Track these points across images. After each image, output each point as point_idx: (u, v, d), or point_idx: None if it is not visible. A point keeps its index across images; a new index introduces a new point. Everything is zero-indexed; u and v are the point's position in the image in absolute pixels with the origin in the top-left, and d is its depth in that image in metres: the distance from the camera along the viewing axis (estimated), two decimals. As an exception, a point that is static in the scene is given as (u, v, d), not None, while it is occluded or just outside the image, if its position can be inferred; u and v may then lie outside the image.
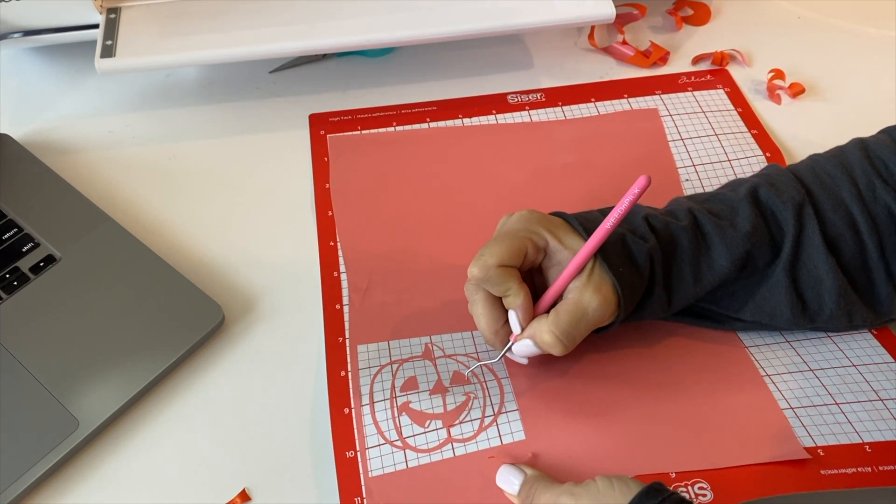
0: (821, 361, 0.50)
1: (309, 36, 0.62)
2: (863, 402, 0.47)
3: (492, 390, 0.49)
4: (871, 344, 0.51)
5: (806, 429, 0.46)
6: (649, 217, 0.48)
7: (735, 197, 0.50)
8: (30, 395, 0.49)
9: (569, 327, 0.45)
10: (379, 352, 0.51)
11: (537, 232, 0.47)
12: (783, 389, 0.48)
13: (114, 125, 0.67)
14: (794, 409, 0.47)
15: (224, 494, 0.47)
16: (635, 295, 0.46)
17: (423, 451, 0.47)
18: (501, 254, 0.45)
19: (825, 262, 0.48)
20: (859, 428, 0.46)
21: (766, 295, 0.49)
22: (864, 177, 0.49)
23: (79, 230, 0.57)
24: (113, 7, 0.64)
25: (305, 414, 0.50)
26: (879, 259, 0.48)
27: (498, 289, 0.46)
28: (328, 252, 0.57)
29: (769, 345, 0.51)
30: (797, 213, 0.48)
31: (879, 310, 0.50)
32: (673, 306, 0.48)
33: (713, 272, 0.48)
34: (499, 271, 0.45)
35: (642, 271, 0.46)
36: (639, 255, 0.46)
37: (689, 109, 0.66)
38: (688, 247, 0.48)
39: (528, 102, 0.67)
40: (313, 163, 0.63)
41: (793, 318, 0.49)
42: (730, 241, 0.47)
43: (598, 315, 0.45)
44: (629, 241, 0.47)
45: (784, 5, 0.76)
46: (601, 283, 0.45)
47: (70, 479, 0.47)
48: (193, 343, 0.52)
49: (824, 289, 0.48)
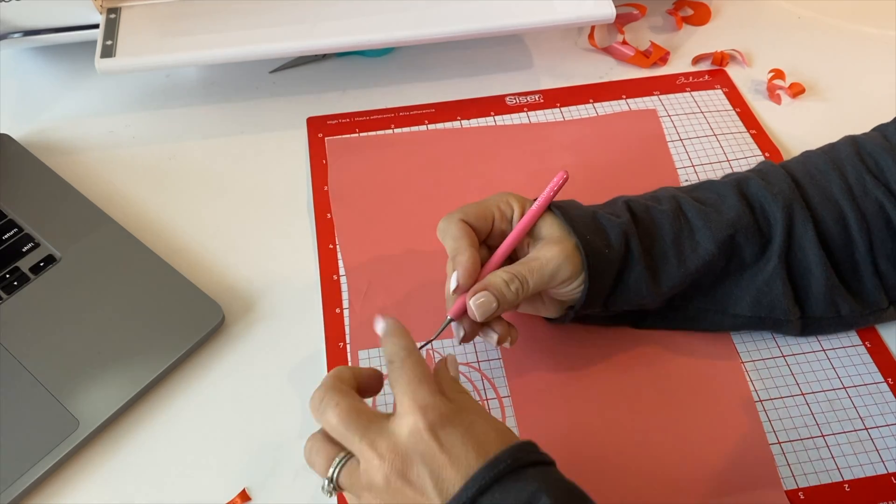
0: (813, 384, 0.50)
1: (309, 36, 0.62)
2: (848, 432, 0.48)
3: (493, 413, 0.49)
4: (864, 360, 0.51)
5: (790, 467, 0.47)
6: (630, 201, 0.49)
7: (722, 186, 0.50)
8: (30, 395, 0.49)
9: (523, 270, 0.45)
10: (381, 358, 0.51)
11: (506, 201, 0.48)
12: (773, 419, 0.49)
13: (114, 125, 0.67)
14: (782, 444, 0.48)
15: (224, 494, 0.47)
16: (605, 265, 0.46)
17: None
18: (467, 211, 0.47)
19: (816, 254, 0.48)
20: (841, 464, 0.47)
21: (764, 288, 0.49)
22: (854, 172, 0.50)
23: (79, 230, 0.57)
24: (113, 7, 0.64)
25: (305, 414, 0.50)
26: (867, 253, 0.49)
27: (451, 244, 0.46)
28: (327, 255, 0.57)
29: (765, 360, 0.51)
30: (786, 206, 0.49)
31: (865, 300, 0.50)
32: (660, 287, 0.48)
33: (697, 254, 0.48)
34: (458, 225, 0.47)
35: (613, 243, 0.46)
36: (610, 228, 0.47)
37: (688, 110, 0.66)
38: (669, 228, 0.48)
39: (526, 104, 0.67)
40: (311, 166, 0.63)
41: (789, 309, 0.49)
42: (714, 224, 0.48)
43: (554, 266, 0.45)
44: (600, 216, 0.47)
45: (784, 5, 0.76)
46: (562, 242, 0.46)
47: (70, 479, 0.47)
48: (193, 343, 0.52)
49: (813, 279, 0.49)
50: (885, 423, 0.49)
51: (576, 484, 0.37)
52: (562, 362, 0.51)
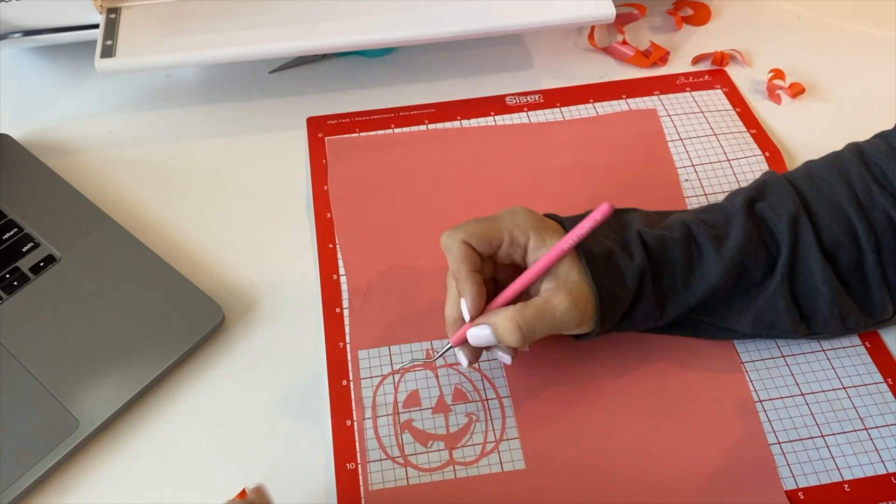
0: (813, 384, 0.50)
1: (309, 36, 0.62)
2: (847, 432, 0.48)
3: (494, 414, 0.49)
4: (864, 361, 0.51)
5: (790, 467, 0.47)
6: (643, 233, 0.48)
7: (731, 207, 0.50)
8: (30, 395, 0.49)
9: (532, 319, 0.44)
10: (380, 358, 0.52)
11: (521, 227, 0.46)
12: (773, 420, 0.49)
13: (114, 125, 0.67)
14: (781, 444, 0.48)
15: (224, 494, 0.47)
16: (617, 307, 0.46)
17: (425, 471, 0.47)
18: (473, 233, 0.46)
19: (822, 271, 0.48)
20: (841, 464, 0.47)
21: (766, 307, 0.49)
22: (861, 182, 0.49)
23: (79, 230, 0.57)
24: (113, 7, 0.64)
25: (305, 414, 0.50)
26: (876, 264, 0.48)
27: (452, 266, 0.46)
28: (327, 255, 0.57)
29: (765, 360, 0.51)
30: (792, 223, 0.48)
31: (873, 312, 0.50)
32: (666, 315, 0.48)
33: (705, 281, 0.47)
34: (460, 248, 0.45)
35: (629, 285, 0.46)
36: (627, 270, 0.46)
37: (688, 110, 0.66)
38: (680, 257, 0.48)
39: (526, 104, 0.67)
40: (311, 166, 0.63)
41: (792, 328, 0.49)
42: (723, 249, 0.47)
43: (566, 318, 0.45)
44: (618, 257, 0.47)
45: (784, 5, 0.76)
46: (577, 289, 0.45)
47: (70, 479, 0.47)
48: (193, 343, 0.52)
49: (819, 297, 0.48)
50: (885, 423, 0.49)
51: None
52: (561, 362, 0.51)
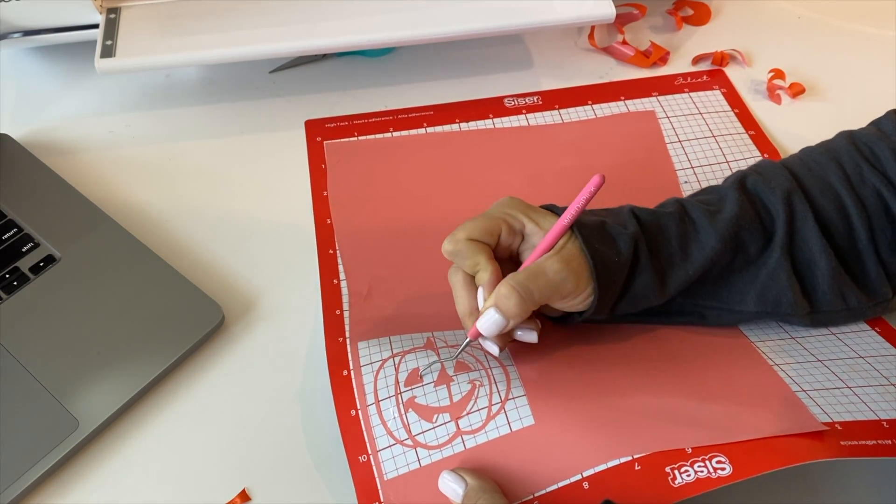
0: (828, 353, 0.50)
1: (309, 36, 0.62)
2: (874, 385, 0.47)
3: (497, 377, 0.48)
4: (876, 339, 0.51)
5: (820, 407, 0.45)
6: (635, 209, 0.49)
7: (723, 186, 0.51)
8: (30, 395, 0.49)
9: (525, 280, 0.44)
10: (380, 346, 0.51)
11: (513, 215, 0.47)
12: (793, 375, 0.47)
13: (114, 125, 0.67)
14: (807, 392, 0.46)
15: (224, 494, 0.47)
16: (612, 274, 0.46)
17: (434, 448, 0.46)
18: (472, 229, 0.46)
19: (819, 244, 0.49)
20: (874, 407, 0.45)
21: (768, 282, 0.49)
22: (850, 161, 0.50)
23: (79, 230, 0.57)
24: (113, 7, 0.64)
25: (305, 413, 0.50)
26: (869, 242, 0.49)
27: (468, 263, 0.46)
28: (327, 260, 0.57)
29: (775, 340, 0.51)
30: (786, 198, 0.49)
31: (871, 291, 0.50)
32: (667, 289, 0.48)
33: (703, 250, 0.48)
34: (468, 244, 0.46)
35: (622, 252, 0.46)
36: (619, 237, 0.47)
37: (686, 111, 0.66)
38: (675, 230, 0.48)
39: (524, 106, 0.67)
40: (310, 170, 0.62)
41: (795, 302, 0.49)
42: (717, 221, 0.48)
43: (560, 277, 0.45)
44: (609, 226, 0.47)
45: (784, 5, 0.76)
46: (571, 256, 0.45)
47: (70, 479, 0.48)
48: (193, 343, 0.52)
49: (818, 271, 0.49)
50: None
51: None
52: (568, 338, 0.50)
